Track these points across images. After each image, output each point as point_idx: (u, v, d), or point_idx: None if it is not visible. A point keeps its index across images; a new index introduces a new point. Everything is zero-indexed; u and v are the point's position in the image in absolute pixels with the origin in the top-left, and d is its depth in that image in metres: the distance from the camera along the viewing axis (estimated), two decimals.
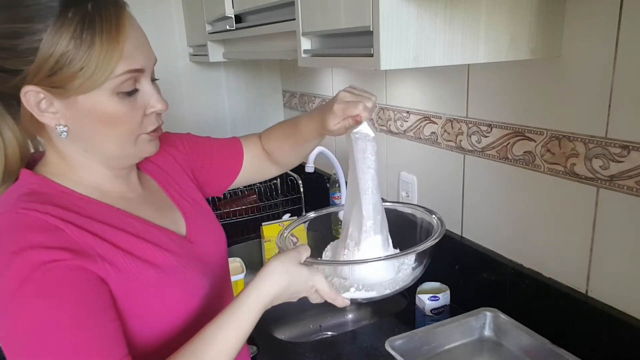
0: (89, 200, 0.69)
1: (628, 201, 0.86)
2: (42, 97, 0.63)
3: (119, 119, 0.67)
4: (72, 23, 0.60)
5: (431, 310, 1.14)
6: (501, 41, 0.87)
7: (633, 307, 0.88)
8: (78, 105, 0.64)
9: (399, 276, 0.84)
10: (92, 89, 0.63)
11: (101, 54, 0.61)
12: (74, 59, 0.60)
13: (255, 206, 2.09)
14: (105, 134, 0.68)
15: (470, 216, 1.23)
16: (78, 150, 0.70)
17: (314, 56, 1.04)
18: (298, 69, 2.09)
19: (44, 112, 0.64)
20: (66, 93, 0.63)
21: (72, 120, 0.66)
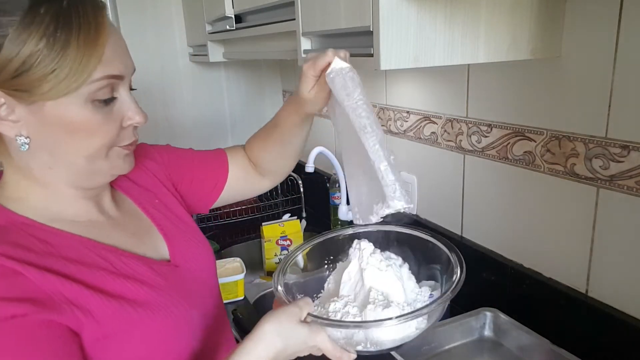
0: (54, 232, 0.60)
1: (628, 201, 0.86)
2: (2, 102, 0.55)
3: (93, 130, 0.58)
4: (45, 19, 0.53)
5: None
6: (501, 41, 0.87)
7: (633, 307, 0.88)
8: (44, 112, 0.56)
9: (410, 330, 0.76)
10: (63, 94, 0.55)
11: (77, 55, 0.54)
12: (44, 60, 0.53)
13: (255, 206, 2.09)
14: (74, 146, 0.59)
15: (470, 216, 1.23)
16: (41, 166, 0.60)
17: None
18: (298, 69, 2.08)
19: (3, 120, 0.56)
20: (31, 98, 0.54)
21: (36, 130, 0.57)
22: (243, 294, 1.36)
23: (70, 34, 0.54)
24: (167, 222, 0.75)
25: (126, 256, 0.64)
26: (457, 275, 0.79)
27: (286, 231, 1.59)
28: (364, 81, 0.68)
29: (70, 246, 0.60)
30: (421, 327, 0.77)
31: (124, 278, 0.61)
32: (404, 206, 0.63)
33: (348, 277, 0.83)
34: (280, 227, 1.59)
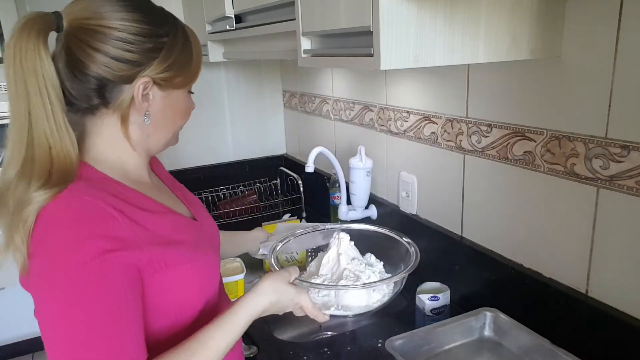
0: (125, 187, 0.76)
1: (628, 201, 0.86)
2: (149, 87, 0.74)
3: (187, 112, 0.84)
4: (180, 39, 0.77)
5: (431, 310, 1.14)
6: (501, 41, 0.87)
7: (633, 307, 0.88)
8: (170, 97, 0.78)
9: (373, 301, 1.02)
10: (184, 86, 0.80)
11: (194, 63, 0.80)
12: (179, 64, 0.77)
13: (255, 206, 2.09)
14: (173, 123, 0.82)
15: (470, 216, 1.23)
16: (141, 135, 0.79)
17: (314, 56, 1.04)
18: (298, 69, 2.09)
19: (144, 100, 0.75)
20: (168, 86, 0.77)
21: (158, 109, 0.78)
22: (243, 294, 1.35)
23: (192, 51, 0.80)
24: (181, 193, 0.94)
25: (171, 212, 0.82)
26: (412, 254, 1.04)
27: None
28: (364, 81, 0.69)
29: (138, 199, 0.76)
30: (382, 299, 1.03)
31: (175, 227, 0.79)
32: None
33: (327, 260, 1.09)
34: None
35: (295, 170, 2.10)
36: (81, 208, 0.67)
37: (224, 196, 2.16)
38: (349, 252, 1.08)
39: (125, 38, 0.70)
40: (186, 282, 0.77)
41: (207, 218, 0.94)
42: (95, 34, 0.69)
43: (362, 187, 1.52)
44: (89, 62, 0.70)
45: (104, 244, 0.66)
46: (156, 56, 0.73)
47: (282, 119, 2.36)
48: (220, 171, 2.24)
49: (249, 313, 0.81)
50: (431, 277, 1.22)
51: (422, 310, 1.15)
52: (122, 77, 0.71)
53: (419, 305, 1.16)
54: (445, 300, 1.14)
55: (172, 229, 0.78)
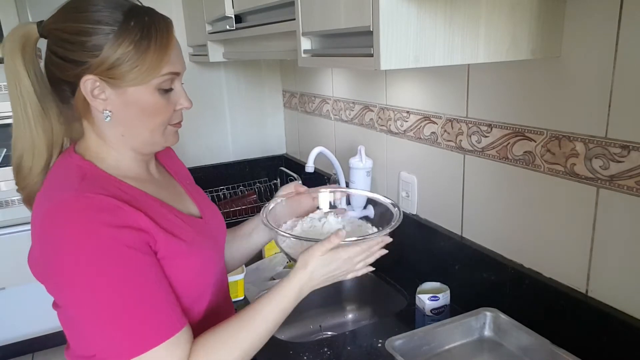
0: (125, 184, 0.79)
1: (628, 201, 0.86)
2: (97, 85, 0.75)
3: (157, 111, 0.79)
4: (133, 31, 0.74)
5: (431, 310, 1.14)
6: (501, 41, 0.87)
7: (633, 307, 0.88)
8: (127, 95, 0.76)
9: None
10: (142, 83, 0.76)
11: (154, 57, 0.75)
12: (131, 58, 0.74)
13: (255, 206, 2.09)
14: (142, 122, 0.79)
15: (470, 216, 1.23)
16: (116, 134, 0.80)
17: (314, 56, 1.04)
18: (298, 69, 2.09)
19: (96, 98, 0.76)
20: (120, 84, 0.75)
21: (118, 108, 0.77)
22: (243, 294, 1.36)
23: (150, 41, 0.75)
24: (192, 189, 0.97)
25: (171, 209, 0.84)
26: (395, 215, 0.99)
27: None
28: (364, 81, 0.69)
29: (138, 196, 0.78)
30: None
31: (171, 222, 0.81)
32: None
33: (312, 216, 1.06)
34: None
35: (295, 170, 2.10)
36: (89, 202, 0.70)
37: (224, 196, 2.16)
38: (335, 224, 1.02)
39: (67, 38, 0.73)
40: (179, 276, 0.79)
41: (215, 218, 0.96)
42: (52, 38, 0.76)
43: (362, 187, 1.52)
44: (47, 63, 0.76)
45: (116, 230, 0.70)
46: (98, 54, 0.73)
47: (282, 119, 2.36)
48: (220, 171, 2.24)
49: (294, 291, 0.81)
50: (431, 277, 1.22)
51: (422, 310, 1.15)
52: (72, 76, 0.75)
53: (419, 305, 1.16)
54: (445, 300, 1.14)
55: (168, 223, 0.80)
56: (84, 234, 0.68)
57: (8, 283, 2.37)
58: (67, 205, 0.70)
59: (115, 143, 0.81)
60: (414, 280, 1.42)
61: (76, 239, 0.68)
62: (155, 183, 0.87)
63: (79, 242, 0.68)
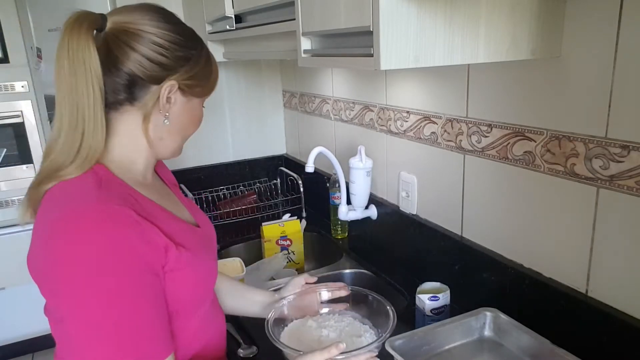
0: (139, 194, 0.80)
1: (628, 201, 0.86)
2: (174, 90, 0.81)
3: (198, 121, 0.90)
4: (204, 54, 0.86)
5: (431, 310, 1.14)
6: (501, 41, 0.87)
7: (633, 307, 0.88)
8: (190, 103, 0.85)
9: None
10: (202, 96, 0.88)
11: (213, 77, 0.89)
12: (203, 75, 0.85)
13: (255, 206, 2.09)
14: (186, 128, 0.87)
15: (470, 216, 1.23)
16: (157, 137, 0.84)
17: (314, 56, 1.04)
18: (298, 69, 2.09)
19: (167, 102, 0.81)
20: (189, 93, 0.84)
21: (176, 114, 0.83)
22: None
23: (212, 65, 0.89)
24: (184, 199, 0.99)
25: (175, 217, 0.86)
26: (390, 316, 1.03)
27: (286, 231, 1.59)
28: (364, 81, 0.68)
29: (149, 206, 0.80)
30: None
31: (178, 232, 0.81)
32: None
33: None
34: (280, 227, 1.59)
35: (295, 170, 2.10)
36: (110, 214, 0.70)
37: (224, 196, 2.16)
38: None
39: (161, 43, 0.78)
40: (186, 286, 0.81)
41: (208, 224, 0.98)
42: (133, 36, 0.76)
43: (362, 187, 1.52)
44: (124, 59, 0.76)
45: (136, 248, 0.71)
46: (184, 64, 0.81)
47: (282, 119, 2.36)
48: (220, 171, 2.24)
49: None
50: (431, 277, 1.22)
51: (422, 310, 1.14)
52: (152, 77, 0.78)
53: (419, 306, 1.16)
54: (445, 300, 1.14)
55: (176, 233, 0.80)
56: (102, 249, 0.68)
57: (8, 283, 2.37)
58: (83, 213, 0.70)
59: (150, 145, 0.84)
60: (414, 280, 1.42)
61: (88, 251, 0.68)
62: (156, 190, 0.89)
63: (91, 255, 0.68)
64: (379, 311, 1.12)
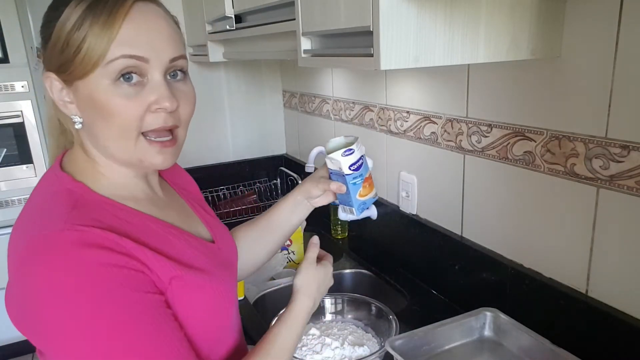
0: (123, 208, 0.66)
1: (628, 201, 0.85)
2: (60, 85, 0.64)
3: (113, 109, 0.62)
4: (79, 9, 0.60)
5: (350, 168, 0.91)
6: (501, 41, 0.87)
7: (633, 307, 0.88)
8: (79, 92, 0.63)
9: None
10: (87, 72, 0.61)
11: (95, 36, 0.60)
12: (73, 42, 0.60)
13: (255, 206, 2.09)
14: (102, 126, 0.64)
15: (470, 216, 1.23)
16: (91, 144, 0.68)
17: (314, 56, 1.04)
18: (298, 69, 2.09)
19: (64, 102, 0.65)
20: (68, 78, 0.62)
21: (81, 110, 0.65)
22: (243, 294, 1.36)
23: (93, 20, 0.60)
24: (202, 210, 0.85)
25: (180, 233, 0.72)
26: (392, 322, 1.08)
27: None
28: (364, 81, 0.68)
29: (139, 222, 0.66)
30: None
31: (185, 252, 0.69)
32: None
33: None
34: None
35: (295, 170, 2.10)
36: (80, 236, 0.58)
37: (224, 196, 2.16)
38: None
39: (40, 30, 0.66)
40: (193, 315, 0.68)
41: (226, 239, 0.86)
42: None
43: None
44: None
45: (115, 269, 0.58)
46: (46, 46, 0.63)
47: (282, 119, 2.36)
48: (220, 171, 2.24)
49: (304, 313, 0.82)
50: (431, 276, 1.22)
51: (340, 172, 0.91)
52: (44, 77, 0.66)
53: (333, 169, 0.93)
54: (360, 151, 0.92)
55: (179, 251, 0.68)
56: (76, 275, 0.56)
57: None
58: (54, 241, 0.57)
59: (96, 155, 0.68)
60: (414, 280, 1.42)
61: (67, 282, 0.56)
62: (159, 202, 0.75)
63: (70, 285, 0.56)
64: (381, 319, 1.13)
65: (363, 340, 1.11)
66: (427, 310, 1.26)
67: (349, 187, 0.91)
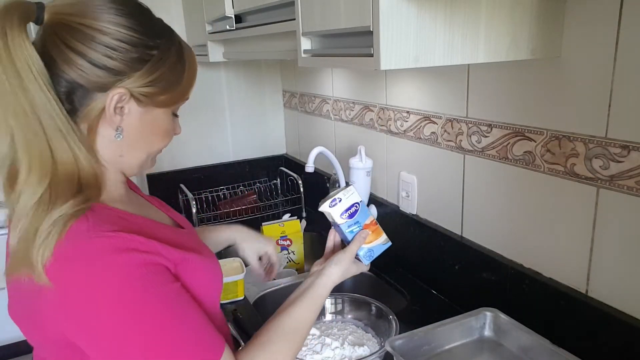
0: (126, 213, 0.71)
1: (628, 201, 0.86)
2: (125, 100, 0.67)
3: (167, 134, 0.76)
4: (173, 55, 0.71)
5: (341, 216, 0.93)
6: (501, 41, 0.87)
7: (633, 307, 0.88)
8: (151, 115, 0.72)
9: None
10: (169, 106, 0.73)
11: (185, 83, 0.74)
12: (168, 80, 0.71)
13: (255, 206, 2.09)
14: (149, 143, 0.75)
15: (470, 216, 1.23)
16: (114, 154, 0.72)
17: (314, 56, 1.04)
18: (298, 69, 2.09)
19: (116, 114, 0.68)
20: (149, 102, 0.70)
21: (133, 126, 0.71)
22: (243, 294, 1.36)
23: (184, 67, 0.74)
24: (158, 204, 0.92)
25: (165, 226, 0.79)
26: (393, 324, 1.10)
27: (286, 231, 1.59)
28: (364, 81, 0.68)
29: (138, 221, 0.72)
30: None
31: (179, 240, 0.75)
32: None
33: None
34: (280, 227, 1.59)
35: (296, 170, 2.10)
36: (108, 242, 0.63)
37: (224, 196, 2.16)
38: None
39: (108, 43, 0.64)
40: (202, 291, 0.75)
41: (187, 223, 0.92)
42: (75, 33, 0.63)
43: (362, 187, 1.52)
44: (62, 62, 0.63)
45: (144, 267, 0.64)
46: (140, 68, 0.67)
47: (282, 119, 2.36)
48: (220, 171, 2.24)
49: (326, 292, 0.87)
50: (431, 276, 1.22)
51: (334, 222, 0.94)
52: (95, 84, 0.65)
53: (330, 221, 0.95)
54: (352, 198, 0.94)
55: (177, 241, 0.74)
56: (115, 279, 0.61)
57: None
58: (84, 252, 0.61)
59: (107, 163, 0.72)
60: (414, 280, 1.42)
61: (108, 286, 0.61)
62: (137, 203, 0.82)
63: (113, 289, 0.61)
64: (381, 319, 1.13)
65: (363, 340, 1.11)
66: (427, 310, 1.26)
67: (346, 235, 0.94)
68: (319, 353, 1.05)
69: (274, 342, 0.77)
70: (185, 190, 1.96)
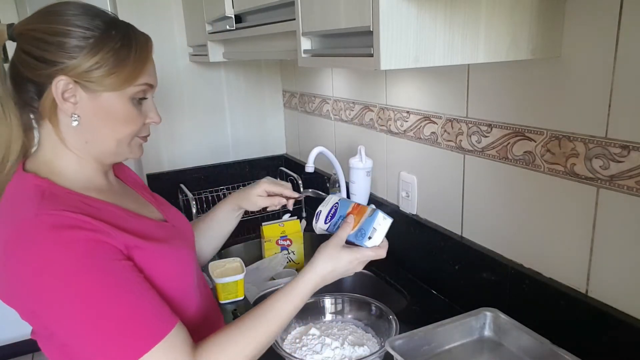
0: (89, 198, 0.77)
1: (628, 201, 0.86)
2: (70, 87, 0.74)
3: (127, 120, 0.79)
4: (114, 39, 0.76)
5: (325, 222, 0.99)
6: (501, 41, 0.87)
7: (633, 307, 0.88)
8: (101, 100, 0.76)
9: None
10: (118, 89, 0.76)
11: (133, 65, 0.77)
12: (111, 64, 0.75)
13: None
14: (111, 130, 0.79)
15: (470, 216, 1.23)
16: (80, 141, 0.79)
17: (314, 56, 1.04)
18: (298, 69, 2.09)
19: (66, 101, 0.75)
20: (95, 88, 0.75)
21: (88, 113, 0.76)
22: (243, 294, 1.36)
23: (130, 51, 0.77)
24: (150, 197, 0.98)
25: (137, 216, 0.84)
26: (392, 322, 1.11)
27: (286, 231, 1.59)
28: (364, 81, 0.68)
29: (103, 208, 0.77)
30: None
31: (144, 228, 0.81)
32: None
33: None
34: (280, 227, 1.59)
35: (296, 170, 2.10)
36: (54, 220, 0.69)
37: (224, 196, 2.15)
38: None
39: (44, 38, 0.73)
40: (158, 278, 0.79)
41: (179, 218, 0.98)
42: (26, 38, 0.74)
43: (362, 187, 1.52)
44: (20, 66, 0.74)
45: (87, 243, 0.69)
46: (76, 55, 0.73)
47: (282, 119, 2.36)
48: (220, 171, 2.24)
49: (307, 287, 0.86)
50: (431, 276, 1.22)
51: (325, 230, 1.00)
52: (42, 77, 0.73)
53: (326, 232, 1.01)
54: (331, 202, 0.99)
55: (138, 228, 0.80)
56: (55, 253, 0.67)
57: None
58: (31, 227, 0.68)
59: (77, 151, 0.79)
60: (414, 280, 1.42)
61: (49, 259, 0.66)
62: (117, 193, 0.87)
63: (53, 261, 0.66)
64: (382, 319, 1.13)
65: (363, 340, 1.11)
66: (427, 310, 1.26)
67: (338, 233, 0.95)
68: (319, 353, 1.05)
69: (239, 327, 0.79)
70: (185, 190, 1.96)
